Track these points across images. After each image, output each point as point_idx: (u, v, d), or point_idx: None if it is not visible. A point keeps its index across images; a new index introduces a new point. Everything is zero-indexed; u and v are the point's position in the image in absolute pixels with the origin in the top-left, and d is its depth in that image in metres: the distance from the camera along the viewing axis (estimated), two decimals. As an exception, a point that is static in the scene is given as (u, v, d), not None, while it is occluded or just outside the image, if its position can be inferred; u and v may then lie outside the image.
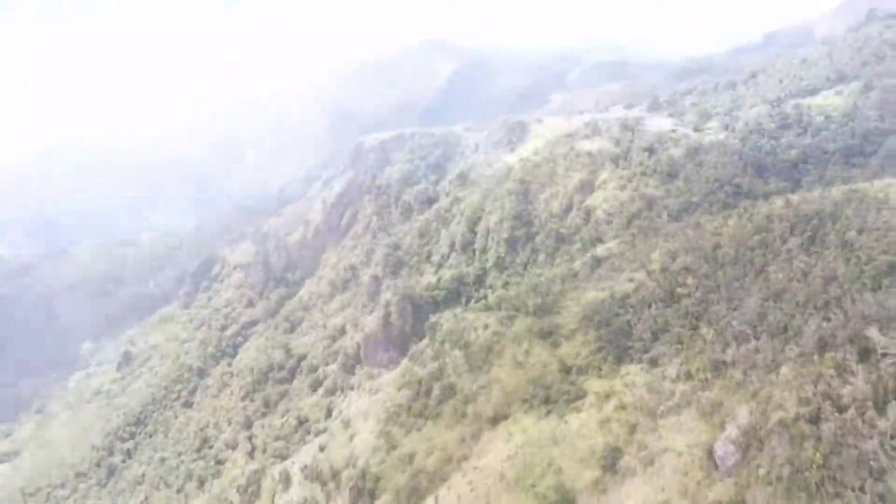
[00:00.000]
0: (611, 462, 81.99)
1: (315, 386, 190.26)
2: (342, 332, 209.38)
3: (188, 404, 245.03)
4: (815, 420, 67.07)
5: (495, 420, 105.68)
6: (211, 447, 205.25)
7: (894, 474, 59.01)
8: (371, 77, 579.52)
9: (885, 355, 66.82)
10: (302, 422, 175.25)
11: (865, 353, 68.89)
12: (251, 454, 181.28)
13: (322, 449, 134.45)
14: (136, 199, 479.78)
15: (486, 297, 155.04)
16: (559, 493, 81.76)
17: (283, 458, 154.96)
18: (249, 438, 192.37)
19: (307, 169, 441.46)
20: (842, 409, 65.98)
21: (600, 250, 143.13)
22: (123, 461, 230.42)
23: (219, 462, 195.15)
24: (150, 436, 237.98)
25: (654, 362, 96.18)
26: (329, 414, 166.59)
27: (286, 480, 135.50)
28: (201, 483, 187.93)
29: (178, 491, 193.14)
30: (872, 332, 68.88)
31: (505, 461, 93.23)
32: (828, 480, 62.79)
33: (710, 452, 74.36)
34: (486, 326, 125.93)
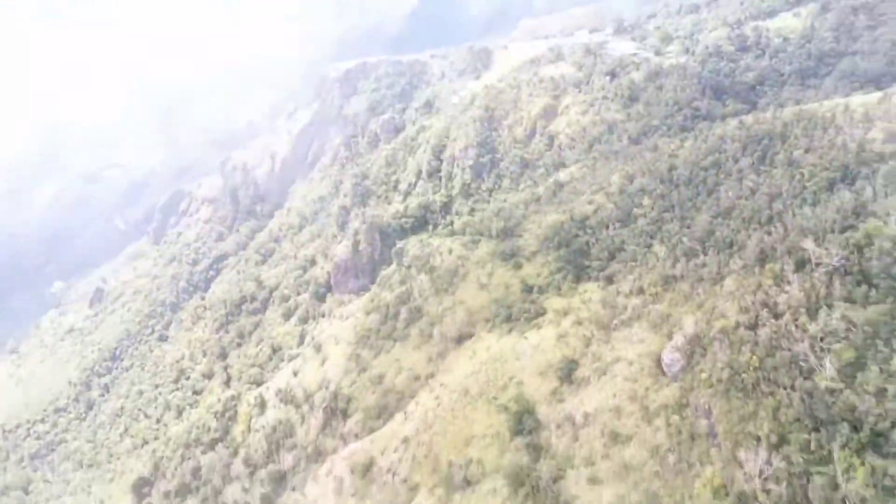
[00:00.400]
0: (567, 373, 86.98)
1: (287, 315, 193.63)
2: (312, 262, 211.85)
3: (163, 338, 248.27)
4: (753, 326, 71.97)
5: (460, 339, 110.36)
6: (188, 378, 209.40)
7: (822, 373, 64.13)
8: (338, 4, 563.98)
9: (818, 265, 71.21)
10: (276, 350, 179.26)
11: (801, 264, 73.32)
12: (227, 383, 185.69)
13: (295, 373, 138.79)
14: (99, 135, 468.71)
15: (452, 223, 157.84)
16: (520, 404, 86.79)
17: (259, 384, 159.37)
18: (225, 368, 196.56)
19: (273, 101, 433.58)
20: (777, 316, 70.84)
21: (562, 175, 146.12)
22: (101, 395, 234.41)
23: (196, 392, 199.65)
24: (127, 370, 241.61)
25: (609, 279, 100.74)
26: (302, 341, 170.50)
27: (262, 405, 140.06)
28: (180, 412, 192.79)
29: (158, 421, 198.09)
30: (808, 244, 73.11)
31: (469, 377, 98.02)
32: (763, 381, 67.99)
33: (658, 360, 79.51)
34: (450, 251, 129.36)
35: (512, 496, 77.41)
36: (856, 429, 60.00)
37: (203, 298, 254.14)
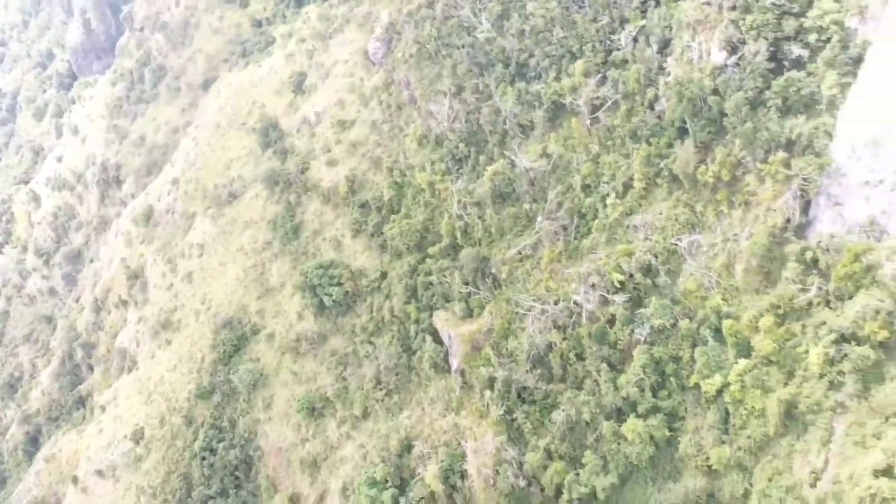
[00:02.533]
0: (298, 85, 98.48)
1: (39, 115, 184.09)
2: (49, 55, 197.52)
3: None
4: (431, 4, 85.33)
5: (206, 84, 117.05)
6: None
7: (481, 28, 79.61)
8: None
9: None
10: (38, 151, 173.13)
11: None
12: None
13: (59, 160, 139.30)
14: None
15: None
16: (264, 122, 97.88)
17: (27, 182, 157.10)
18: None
19: None
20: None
21: None
22: None
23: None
24: None
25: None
26: (60, 134, 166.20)
27: (35, 199, 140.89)
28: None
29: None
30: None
31: (218, 113, 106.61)
32: (442, 47, 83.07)
33: (366, 53, 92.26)
34: (178, 3, 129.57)
35: (270, 195, 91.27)
36: (506, 66, 77.34)
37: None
